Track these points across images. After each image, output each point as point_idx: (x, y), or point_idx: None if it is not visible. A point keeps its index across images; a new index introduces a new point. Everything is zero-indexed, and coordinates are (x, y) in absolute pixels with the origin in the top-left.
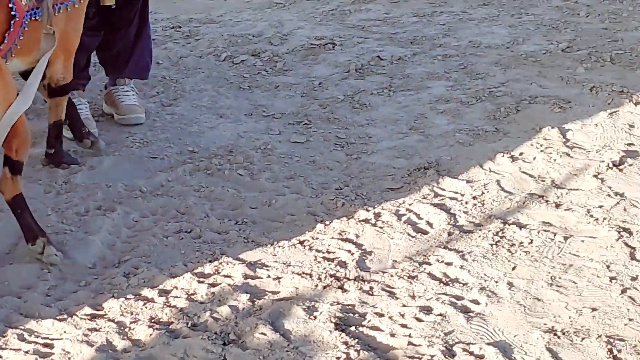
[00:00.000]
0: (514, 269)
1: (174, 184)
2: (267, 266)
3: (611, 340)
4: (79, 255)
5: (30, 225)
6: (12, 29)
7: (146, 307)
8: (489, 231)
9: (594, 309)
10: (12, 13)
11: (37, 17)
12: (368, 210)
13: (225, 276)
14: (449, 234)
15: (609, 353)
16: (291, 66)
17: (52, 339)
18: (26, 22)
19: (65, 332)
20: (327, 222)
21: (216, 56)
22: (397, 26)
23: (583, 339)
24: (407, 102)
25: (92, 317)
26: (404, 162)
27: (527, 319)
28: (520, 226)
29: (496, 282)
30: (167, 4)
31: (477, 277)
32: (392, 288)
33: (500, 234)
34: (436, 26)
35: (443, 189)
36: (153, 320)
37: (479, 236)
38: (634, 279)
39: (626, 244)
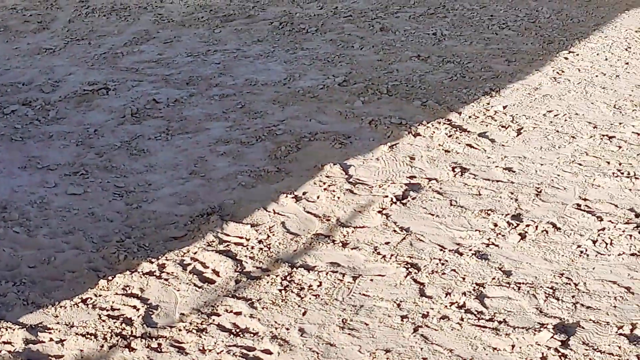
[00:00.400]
0: (304, 314)
1: None
2: (49, 329)
3: None
4: None
5: None
6: None
7: None
8: (277, 276)
9: (387, 351)
10: None
11: None
12: (152, 262)
13: (5, 342)
14: (237, 281)
15: None
16: (64, 114)
17: None
18: None
19: None
20: (110, 277)
21: None
22: (171, 67)
23: None
24: (186, 145)
25: None
26: (186, 208)
27: None
28: (308, 268)
29: (287, 329)
30: None
31: (267, 326)
32: (181, 343)
33: (288, 278)
34: (211, 65)
35: (228, 235)
36: None
37: (267, 282)
38: (424, 316)
39: (415, 280)
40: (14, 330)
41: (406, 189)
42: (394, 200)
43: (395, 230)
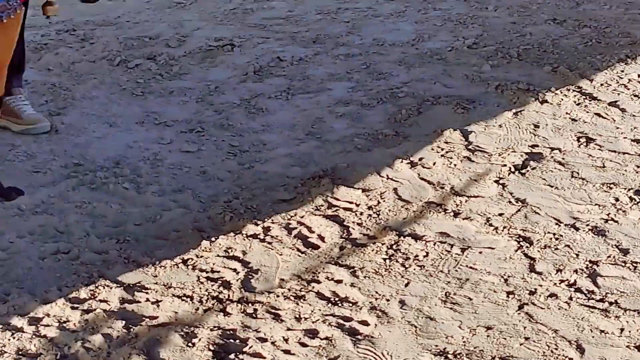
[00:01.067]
0: (407, 285)
1: (55, 200)
2: (146, 289)
3: None
4: None
5: None
6: None
7: (14, 338)
8: (383, 244)
9: (488, 328)
10: None
11: None
12: (257, 225)
13: (101, 301)
14: (341, 248)
15: None
16: (187, 70)
17: None
18: None
19: None
20: (214, 239)
21: (110, 61)
22: (300, 24)
23: None
24: (306, 105)
25: None
26: (298, 170)
27: (418, 340)
28: (416, 238)
29: (387, 300)
30: (63, 5)
31: (367, 296)
32: (278, 310)
33: (394, 247)
34: (340, 24)
35: (337, 199)
36: (20, 353)
37: (373, 250)
38: (532, 293)
39: (525, 255)
40: (111, 288)
41: (526, 158)
42: (513, 169)
43: (510, 202)
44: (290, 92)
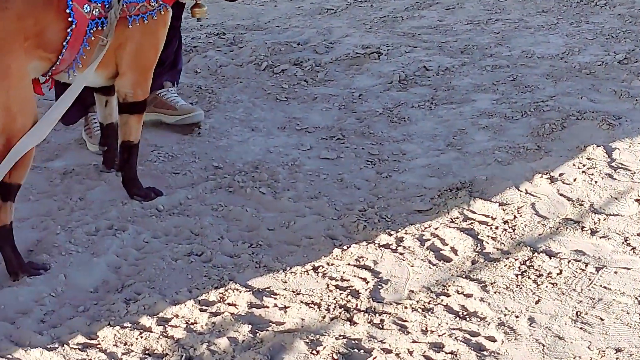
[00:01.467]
0: (537, 302)
1: (193, 202)
2: (275, 294)
3: None
4: (82, 278)
5: (11, 259)
6: (70, 37)
7: (142, 337)
8: (516, 260)
9: (618, 350)
10: (70, 19)
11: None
12: (390, 235)
13: (230, 304)
14: (473, 262)
15: None
16: (333, 76)
17: None
18: (91, 30)
19: None
20: (346, 247)
21: (257, 65)
22: (448, 34)
23: None
24: (449, 116)
25: (84, 347)
26: (436, 181)
27: (545, 359)
28: (551, 255)
29: (517, 317)
30: (215, 9)
31: (496, 311)
32: (405, 321)
33: (528, 263)
34: (490, 34)
35: (474, 212)
36: (146, 352)
37: (505, 265)
38: None
39: None
40: (240, 292)
41: None
42: None
43: None
44: (433, 102)
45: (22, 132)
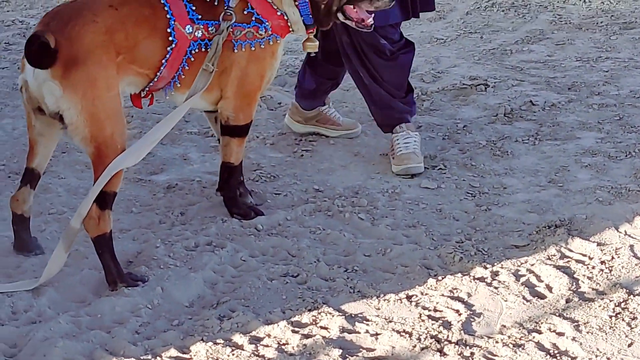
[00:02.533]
0: (630, 345)
1: (292, 223)
2: (367, 320)
3: None
4: (179, 292)
5: (110, 268)
6: (169, 56)
7: (233, 355)
8: (611, 301)
9: None
10: (170, 39)
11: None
12: (486, 268)
13: (322, 327)
14: (567, 300)
15: None
16: (438, 106)
17: None
18: (192, 51)
19: None
20: (440, 277)
21: None
22: (557, 70)
23: None
24: (552, 152)
25: None
26: (535, 217)
27: None
28: None
29: (608, 358)
30: None
31: (588, 352)
32: (495, 356)
33: (622, 305)
34: (598, 72)
35: (571, 250)
36: None
37: (599, 306)
38: None
39: None
40: (333, 316)
41: None
42: None
43: None
44: (537, 138)
45: (111, 141)
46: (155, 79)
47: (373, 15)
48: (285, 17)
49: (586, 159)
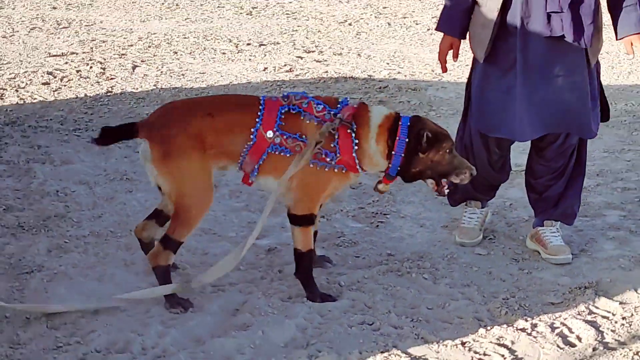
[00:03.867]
0: None
1: (368, 281)
2: None
3: None
4: (275, 335)
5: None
6: (248, 150)
7: None
8: (630, 350)
9: None
10: (251, 137)
11: (283, 154)
12: (527, 320)
13: None
14: (594, 349)
15: None
16: None
17: None
18: (269, 152)
19: None
20: (489, 328)
21: None
22: (588, 160)
23: None
24: (583, 226)
25: None
26: (568, 280)
27: None
28: None
29: None
30: None
31: None
32: None
33: None
34: (622, 162)
35: (597, 308)
36: None
37: (621, 354)
38: None
39: None
40: (400, 358)
41: None
42: None
43: None
44: None
45: (188, 210)
46: (241, 164)
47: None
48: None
49: (611, 232)
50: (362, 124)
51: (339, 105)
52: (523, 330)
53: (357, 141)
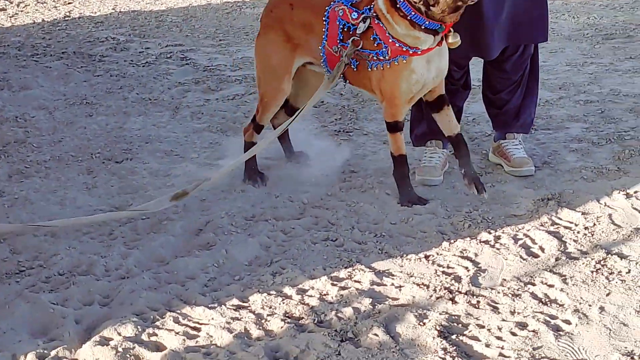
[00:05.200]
0: (608, 295)
1: (332, 198)
2: (392, 275)
3: None
4: (239, 253)
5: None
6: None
7: (283, 303)
8: (592, 259)
9: None
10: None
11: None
12: (490, 233)
13: (356, 281)
14: (557, 259)
15: None
16: None
17: (201, 324)
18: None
19: (212, 318)
20: (453, 241)
21: None
22: (550, 73)
23: None
24: (546, 139)
25: (237, 308)
26: (531, 192)
27: (611, 341)
28: (622, 257)
29: (589, 305)
30: None
31: (573, 300)
32: (497, 303)
33: (602, 262)
34: (584, 75)
35: (560, 219)
36: (287, 315)
37: (583, 263)
38: None
39: None
40: (364, 272)
41: None
42: None
43: None
44: (534, 128)
45: (262, 92)
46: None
47: None
48: (400, 44)
49: (573, 145)
50: (376, 10)
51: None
52: (486, 242)
53: (385, 27)
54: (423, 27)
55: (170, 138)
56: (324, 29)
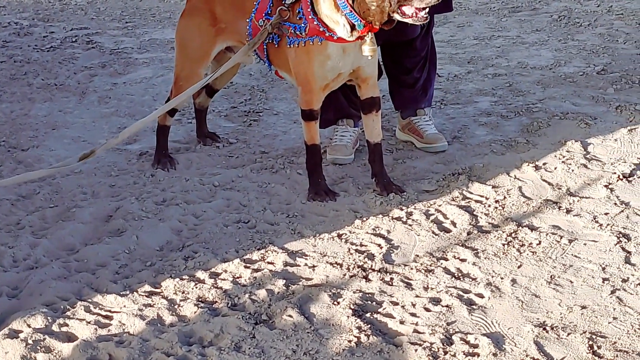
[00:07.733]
0: (519, 267)
1: (242, 179)
2: (306, 255)
3: (594, 336)
4: (150, 239)
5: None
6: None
7: (196, 288)
8: (503, 232)
9: (583, 307)
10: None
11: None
12: (402, 209)
13: (269, 263)
14: (469, 233)
15: (589, 348)
16: None
17: (113, 312)
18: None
19: (124, 306)
20: (365, 219)
21: None
22: (458, 47)
23: (569, 334)
24: (455, 114)
25: (150, 294)
26: (442, 167)
27: (523, 313)
28: (532, 228)
29: (502, 278)
30: None
31: (485, 273)
32: (410, 280)
33: (513, 235)
34: (492, 48)
35: (471, 193)
36: (200, 299)
37: (494, 236)
38: (624, 280)
39: (623, 249)
40: (277, 253)
41: (634, 168)
42: (621, 177)
43: (615, 204)
44: (443, 103)
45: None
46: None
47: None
48: (318, 23)
49: (482, 118)
50: None
51: None
52: (398, 219)
53: (311, 1)
54: (344, 14)
55: (78, 124)
56: (255, 3)
